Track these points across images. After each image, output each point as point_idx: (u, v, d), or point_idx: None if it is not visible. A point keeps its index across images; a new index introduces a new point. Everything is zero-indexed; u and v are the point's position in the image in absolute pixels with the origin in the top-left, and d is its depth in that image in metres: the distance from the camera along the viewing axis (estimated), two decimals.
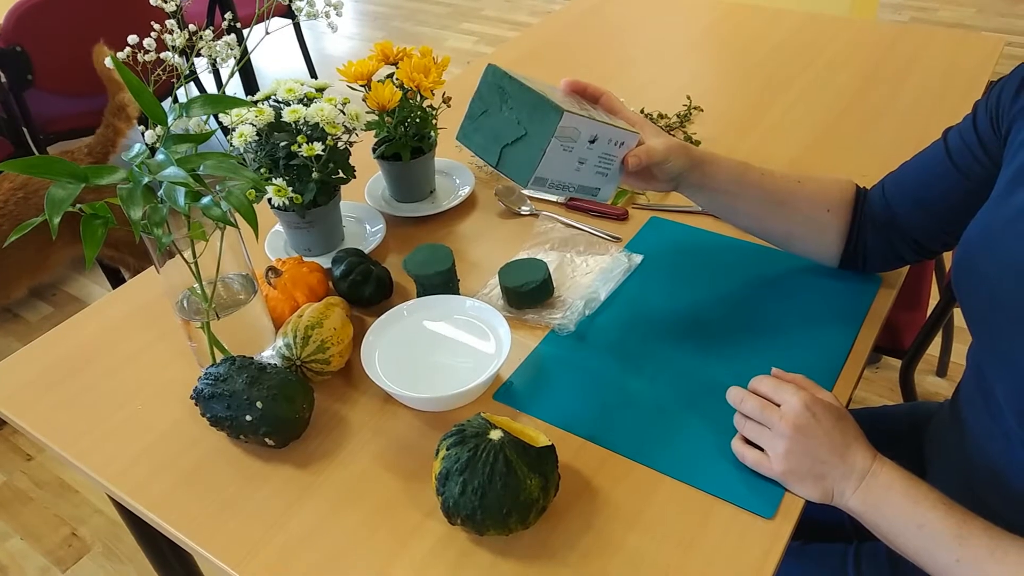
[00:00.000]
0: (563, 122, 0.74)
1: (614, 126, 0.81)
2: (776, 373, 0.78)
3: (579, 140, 0.78)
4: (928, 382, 1.89)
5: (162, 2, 0.80)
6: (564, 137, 0.76)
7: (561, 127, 0.74)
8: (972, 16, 3.62)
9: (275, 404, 0.77)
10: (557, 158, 0.78)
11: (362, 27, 4.24)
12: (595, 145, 0.80)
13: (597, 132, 0.79)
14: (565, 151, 0.78)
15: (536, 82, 0.81)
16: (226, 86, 0.87)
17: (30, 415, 0.88)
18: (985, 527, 0.64)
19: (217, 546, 0.73)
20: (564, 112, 0.73)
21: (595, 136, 0.79)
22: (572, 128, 0.76)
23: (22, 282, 1.83)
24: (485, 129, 0.80)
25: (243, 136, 0.91)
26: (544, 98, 0.74)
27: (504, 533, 0.69)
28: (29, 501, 1.83)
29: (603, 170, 0.84)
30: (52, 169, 0.70)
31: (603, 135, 0.80)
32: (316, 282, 0.94)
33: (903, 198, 0.87)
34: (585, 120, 0.76)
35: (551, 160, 0.77)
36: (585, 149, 0.79)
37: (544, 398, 0.84)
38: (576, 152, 0.79)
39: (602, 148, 0.81)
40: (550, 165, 0.78)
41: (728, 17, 1.68)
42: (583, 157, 0.80)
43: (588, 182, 0.84)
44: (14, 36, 1.99)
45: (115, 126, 1.85)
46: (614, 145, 0.82)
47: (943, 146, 0.83)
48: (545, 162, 0.77)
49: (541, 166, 0.77)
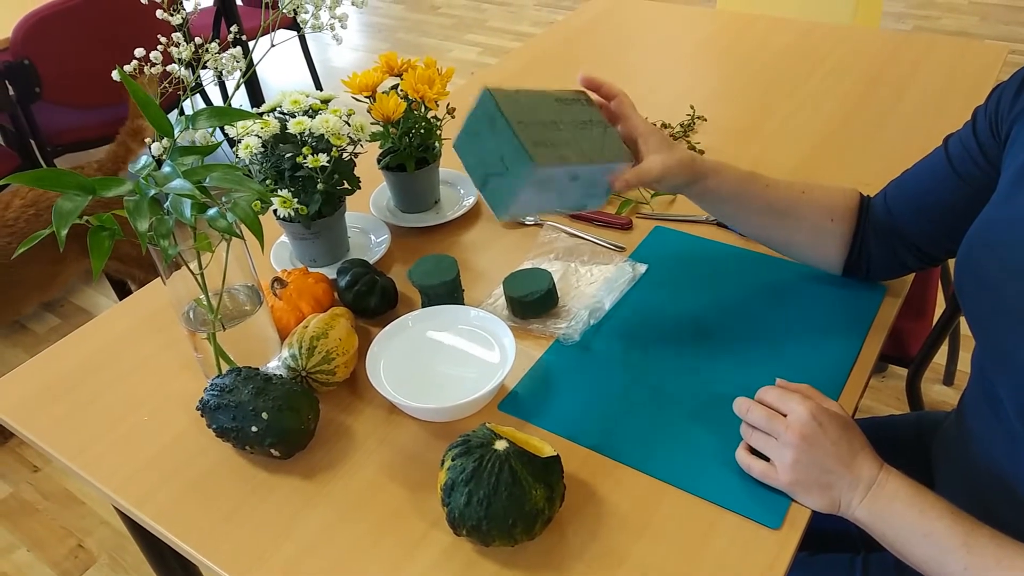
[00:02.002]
0: (536, 174, 0.75)
1: (601, 162, 0.81)
2: (781, 383, 0.78)
3: (557, 181, 0.79)
4: (935, 391, 1.88)
5: (168, 15, 0.81)
6: (540, 182, 0.77)
7: (535, 177, 0.76)
8: (975, 24, 3.62)
9: (281, 415, 0.77)
10: (534, 196, 0.79)
11: (367, 39, 4.26)
12: (577, 181, 0.81)
13: (578, 172, 0.80)
14: (543, 191, 0.79)
15: (538, 94, 0.82)
16: (232, 98, 0.88)
17: (37, 426, 0.88)
18: (992, 535, 0.64)
19: (223, 557, 0.73)
20: (536, 166, 0.75)
21: (576, 175, 0.80)
22: (547, 175, 0.77)
23: (33, 298, 1.84)
24: (476, 150, 0.81)
25: (249, 148, 0.91)
26: (522, 147, 0.75)
27: (510, 544, 0.68)
28: (35, 512, 1.84)
29: (588, 192, 0.84)
30: (60, 181, 0.71)
31: (586, 172, 0.80)
32: (321, 293, 0.95)
33: (905, 205, 0.87)
34: (562, 168, 0.77)
35: (527, 198, 0.79)
36: (566, 184, 0.80)
37: (549, 408, 0.84)
38: (556, 188, 0.80)
39: (586, 180, 0.81)
40: (527, 202, 0.79)
41: (730, 26, 1.69)
42: (564, 190, 0.81)
43: (573, 204, 0.85)
44: (22, 49, 2.01)
45: (128, 145, 1.89)
46: (600, 174, 0.82)
47: (944, 153, 0.83)
48: (520, 202, 0.79)
49: (515, 205, 0.79)
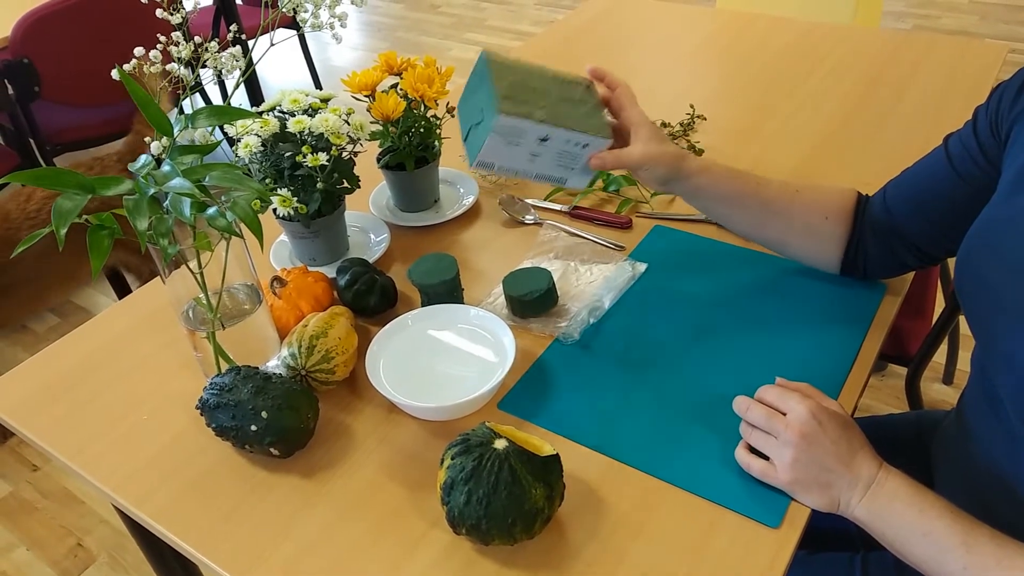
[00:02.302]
0: (500, 121, 0.82)
1: (573, 129, 0.85)
2: (780, 382, 0.78)
3: (526, 138, 0.85)
4: (934, 390, 1.88)
5: (168, 14, 0.81)
6: (505, 133, 0.83)
7: (499, 125, 0.82)
8: (975, 23, 3.62)
9: (280, 414, 0.77)
10: (502, 149, 0.85)
11: (366, 38, 4.26)
12: (548, 143, 0.86)
13: (548, 133, 0.85)
14: (511, 144, 0.85)
15: (538, 68, 0.89)
16: (231, 97, 0.88)
17: (36, 425, 0.88)
18: (992, 535, 0.64)
19: (222, 556, 0.73)
20: (500, 114, 0.81)
21: (546, 136, 0.85)
22: (512, 127, 0.83)
23: (60, 288, 1.85)
24: (468, 106, 0.89)
25: (248, 147, 0.91)
26: (494, 95, 0.82)
27: (509, 543, 0.69)
28: (35, 511, 1.84)
29: (565, 164, 0.89)
30: (59, 180, 0.71)
31: (557, 136, 0.85)
32: (321, 292, 0.95)
33: (904, 205, 0.87)
34: (529, 123, 0.83)
35: (495, 149, 0.85)
36: (536, 145, 0.86)
37: (549, 407, 0.84)
38: (525, 147, 0.86)
39: (558, 146, 0.87)
40: (495, 153, 0.86)
41: (730, 25, 1.69)
42: (535, 152, 0.87)
43: (548, 172, 0.90)
44: (21, 48, 2.00)
45: (142, 132, 1.93)
46: (575, 145, 0.87)
47: (944, 152, 0.83)
48: (487, 150, 0.85)
49: (483, 152, 0.85)
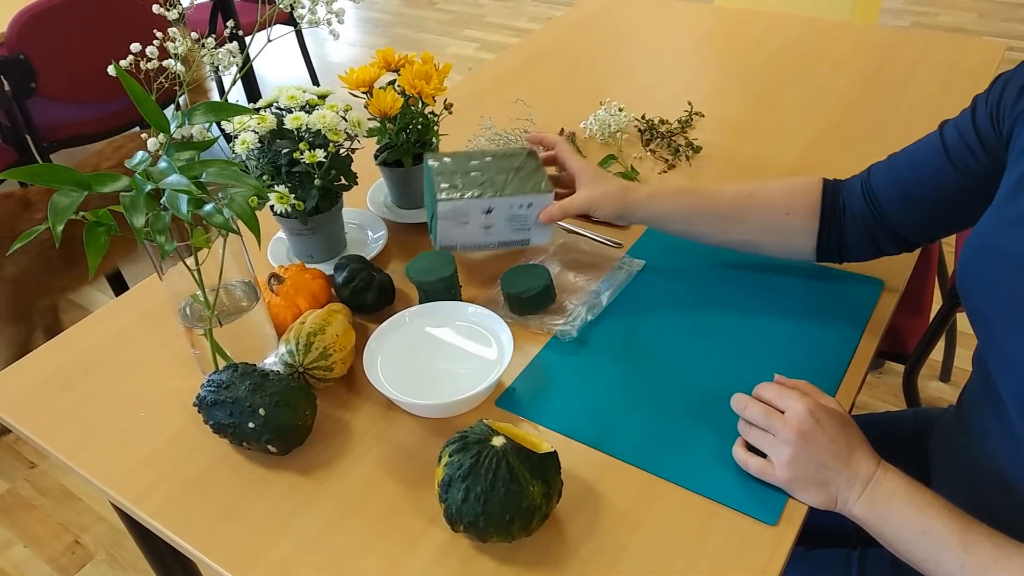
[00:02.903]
0: (440, 208, 0.91)
1: (512, 195, 0.92)
2: (779, 380, 0.78)
3: (471, 215, 0.92)
4: (932, 387, 1.88)
5: (165, 10, 0.81)
6: (451, 216, 0.92)
7: (441, 210, 0.91)
8: (973, 20, 3.62)
9: (278, 411, 0.77)
10: (455, 230, 0.93)
11: (364, 34, 4.25)
12: (495, 213, 0.93)
13: (489, 205, 0.92)
14: (462, 224, 0.93)
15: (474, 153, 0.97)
16: (228, 93, 0.87)
17: (33, 422, 0.88)
18: (989, 533, 0.64)
19: (220, 553, 0.73)
20: (438, 203, 0.90)
21: (489, 208, 0.92)
22: (453, 209, 0.91)
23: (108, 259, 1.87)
24: (426, 201, 0.99)
25: (245, 143, 0.91)
26: (436, 188, 0.91)
27: (507, 540, 0.69)
28: (32, 509, 1.83)
29: (519, 226, 0.95)
30: (56, 177, 0.70)
31: (498, 205, 0.92)
32: (318, 289, 0.94)
33: (891, 193, 0.85)
34: (465, 202, 0.91)
35: (449, 231, 0.93)
36: (484, 218, 0.93)
37: (546, 404, 0.84)
38: (475, 223, 0.93)
39: (505, 213, 0.93)
40: (451, 235, 0.94)
41: (729, 22, 1.68)
42: (486, 224, 0.94)
43: (507, 238, 0.96)
44: (17, 44, 2.00)
45: None
46: (520, 208, 0.93)
47: (939, 140, 0.81)
48: (443, 234, 0.93)
49: (440, 237, 0.94)
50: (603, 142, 1.29)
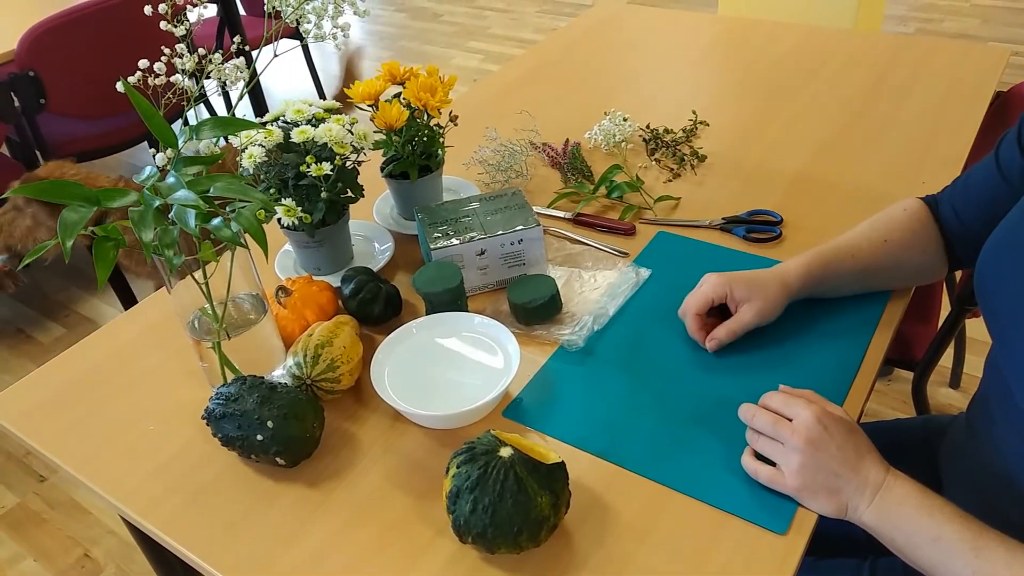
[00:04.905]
0: (436, 256, 0.96)
1: (501, 233, 0.97)
2: (784, 389, 0.78)
3: (466, 259, 0.97)
4: (941, 394, 1.87)
5: (172, 26, 0.82)
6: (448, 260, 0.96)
7: (437, 259, 0.96)
8: (977, 27, 3.62)
9: (286, 423, 0.77)
10: None
11: (370, 47, 4.28)
12: (488, 254, 0.98)
13: (480, 247, 0.97)
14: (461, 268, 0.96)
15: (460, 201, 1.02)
16: (236, 108, 0.88)
17: (43, 436, 0.88)
18: (1001, 539, 0.64)
19: (229, 566, 0.73)
20: (433, 250, 0.95)
21: (481, 250, 0.97)
22: (448, 255, 0.96)
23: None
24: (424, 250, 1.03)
25: (252, 157, 0.92)
26: (428, 239, 0.96)
27: (515, 551, 0.68)
28: (42, 522, 1.84)
29: (514, 263, 1.00)
30: (64, 193, 0.71)
31: (490, 244, 0.97)
32: (326, 301, 0.95)
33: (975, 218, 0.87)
34: (456, 248, 0.96)
35: None
36: (478, 260, 0.98)
37: (554, 414, 0.84)
38: (471, 265, 0.98)
39: (497, 252, 0.98)
40: None
41: (732, 31, 1.69)
42: (481, 266, 0.99)
43: (505, 276, 1.00)
44: (27, 61, 2.02)
45: None
46: (511, 244, 0.98)
47: (995, 162, 0.83)
48: None
49: None
50: (608, 152, 1.29)
